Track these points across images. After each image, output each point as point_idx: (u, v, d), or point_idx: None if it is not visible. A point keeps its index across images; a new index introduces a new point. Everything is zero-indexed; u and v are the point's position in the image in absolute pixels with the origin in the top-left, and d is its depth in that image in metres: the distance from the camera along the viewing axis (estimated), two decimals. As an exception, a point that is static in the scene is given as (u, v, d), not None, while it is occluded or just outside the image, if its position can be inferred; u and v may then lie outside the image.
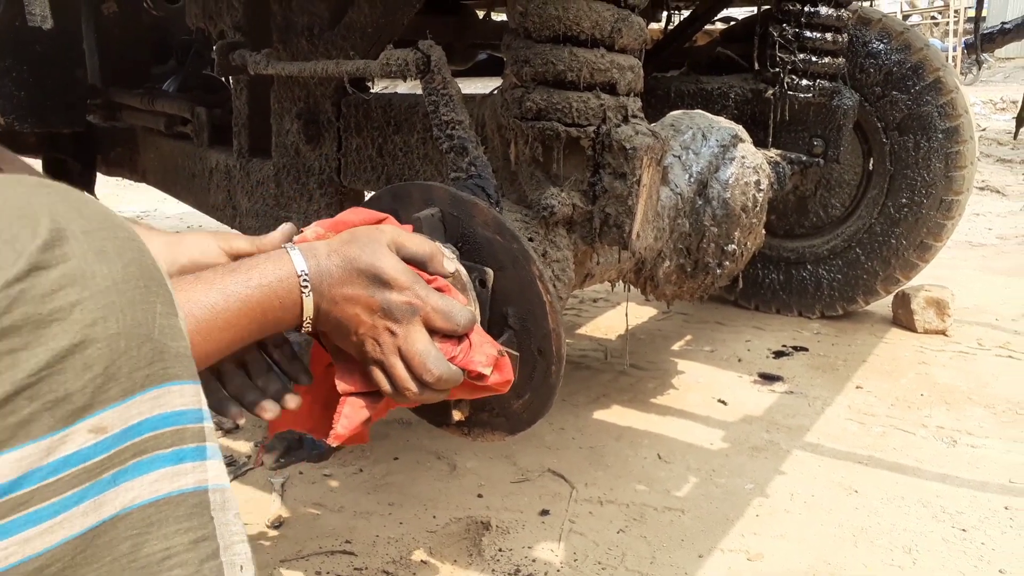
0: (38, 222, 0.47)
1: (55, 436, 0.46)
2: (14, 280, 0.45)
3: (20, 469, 0.45)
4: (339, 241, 0.81)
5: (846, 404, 1.95)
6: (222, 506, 0.54)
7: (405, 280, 0.80)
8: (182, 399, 0.52)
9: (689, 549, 1.37)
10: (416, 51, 1.21)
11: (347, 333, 0.81)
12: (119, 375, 0.48)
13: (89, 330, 0.47)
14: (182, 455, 0.51)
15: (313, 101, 1.81)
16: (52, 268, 0.46)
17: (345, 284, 0.79)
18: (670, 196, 1.59)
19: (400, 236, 0.84)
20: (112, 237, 0.50)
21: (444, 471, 1.63)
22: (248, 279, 0.73)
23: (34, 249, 0.46)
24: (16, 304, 0.45)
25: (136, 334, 0.49)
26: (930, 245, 2.35)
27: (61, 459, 0.46)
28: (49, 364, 0.46)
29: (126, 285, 0.50)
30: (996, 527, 1.43)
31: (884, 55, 2.29)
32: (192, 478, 0.52)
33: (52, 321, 0.46)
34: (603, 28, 1.20)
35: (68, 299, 0.47)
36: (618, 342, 2.41)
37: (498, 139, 1.33)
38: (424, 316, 0.81)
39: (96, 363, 0.47)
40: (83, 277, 0.47)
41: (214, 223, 2.23)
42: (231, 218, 2.07)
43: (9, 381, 0.44)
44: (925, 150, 2.29)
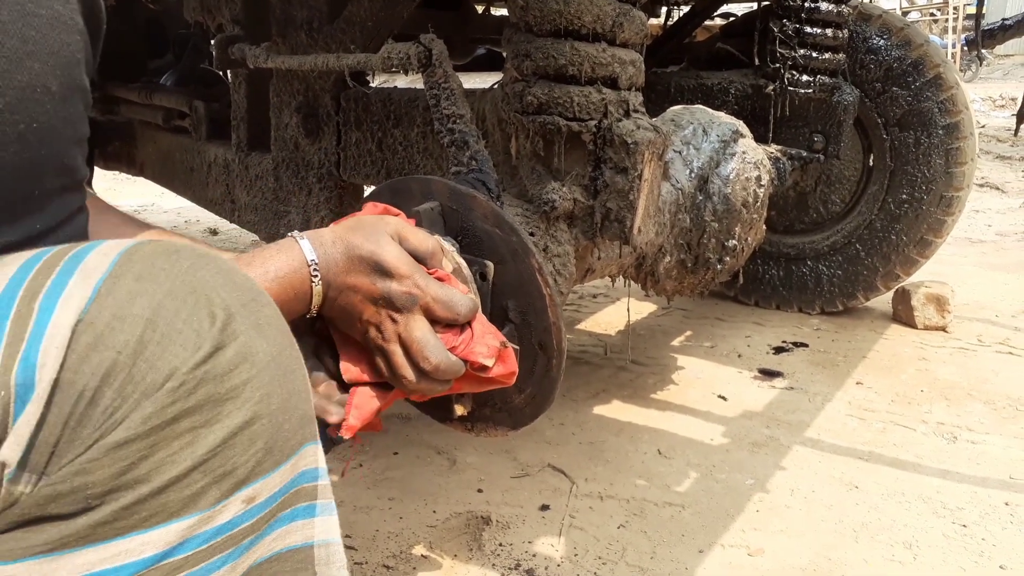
0: (212, 302, 0.49)
1: (216, 508, 0.48)
2: (201, 362, 0.48)
3: (183, 537, 0.47)
4: (343, 228, 0.81)
5: (846, 400, 1.95)
6: (326, 560, 0.56)
7: (406, 269, 0.80)
8: (306, 460, 0.54)
9: (689, 544, 1.37)
10: (418, 45, 1.20)
11: (352, 320, 0.82)
12: (274, 448, 0.51)
13: (257, 407, 0.50)
14: (295, 514, 0.54)
15: (312, 95, 1.80)
16: (227, 347, 0.49)
17: (349, 272, 0.79)
18: (671, 191, 1.59)
19: (404, 228, 0.84)
20: (262, 307, 0.53)
21: (444, 466, 1.62)
22: (265, 272, 0.74)
23: (216, 331, 0.49)
24: (201, 384, 0.47)
25: (289, 406, 0.52)
26: (930, 241, 2.34)
27: (216, 528, 0.49)
28: (224, 440, 0.48)
29: (281, 357, 0.52)
30: (997, 523, 1.43)
31: (884, 51, 2.29)
32: (300, 535, 0.54)
33: (228, 399, 0.48)
34: (604, 22, 1.19)
35: (241, 377, 0.49)
36: (618, 338, 2.41)
37: (499, 133, 1.32)
38: (424, 305, 0.81)
39: (260, 438, 0.50)
40: (251, 354, 0.50)
41: (212, 217, 2.22)
42: (230, 212, 2.07)
43: (190, 457, 0.47)
44: (925, 146, 2.29)
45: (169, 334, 0.47)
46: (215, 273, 0.51)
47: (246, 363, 0.49)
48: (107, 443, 0.45)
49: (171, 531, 0.47)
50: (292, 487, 0.53)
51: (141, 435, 0.46)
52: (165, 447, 0.47)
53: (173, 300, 0.48)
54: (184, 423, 0.47)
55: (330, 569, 0.56)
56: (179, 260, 0.51)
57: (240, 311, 0.51)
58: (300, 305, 0.78)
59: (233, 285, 0.52)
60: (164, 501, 0.47)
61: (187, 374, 0.47)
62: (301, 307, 0.78)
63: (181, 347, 0.47)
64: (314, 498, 0.55)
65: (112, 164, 2.75)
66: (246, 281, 0.53)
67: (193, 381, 0.47)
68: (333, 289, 0.79)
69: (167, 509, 0.47)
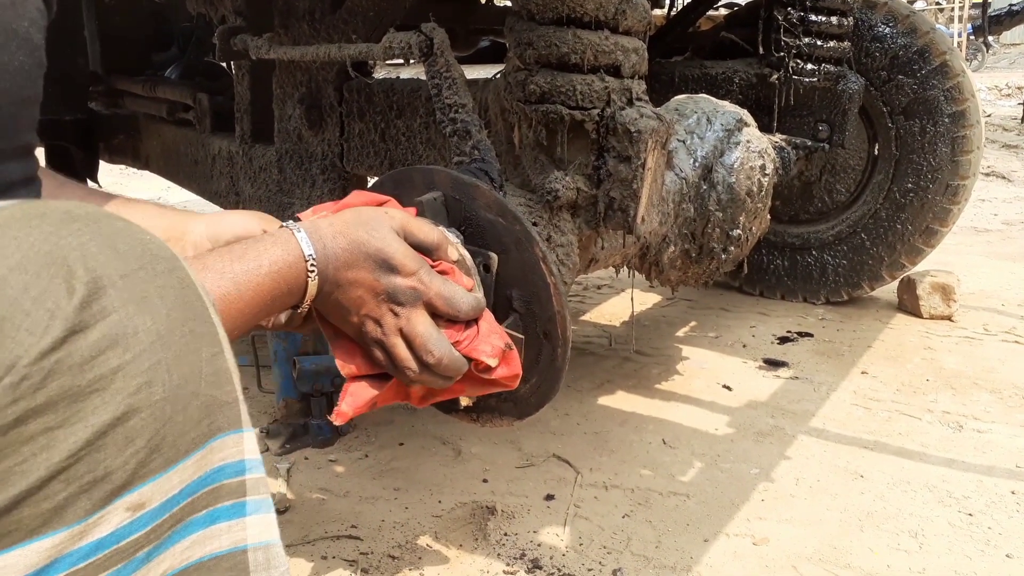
0: (72, 273, 0.42)
1: (90, 520, 0.42)
2: (49, 349, 0.40)
3: (50, 556, 0.41)
4: (343, 222, 0.79)
5: (851, 389, 1.94)
6: (266, 565, 0.50)
7: (411, 265, 0.79)
8: (222, 454, 0.48)
9: (694, 533, 1.37)
10: (419, 34, 1.20)
11: (347, 314, 0.80)
12: (163, 445, 0.44)
13: (132, 399, 0.42)
14: (216, 515, 0.47)
15: (315, 86, 1.80)
16: (91, 329, 0.41)
17: (351, 267, 0.77)
18: (675, 181, 1.58)
19: (408, 222, 0.83)
20: (153, 275, 0.45)
21: (449, 456, 1.63)
22: (259, 266, 0.71)
23: (71, 309, 0.41)
24: (52, 376, 0.40)
25: (182, 394, 0.45)
26: (936, 230, 2.33)
27: (94, 543, 0.42)
28: (88, 442, 0.41)
29: (171, 336, 0.45)
30: (1003, 511, 1.43)
31: (890, 39, 2.28)
32: (228, 539, 0.48)
33: (92, 392, 0.41)
34: (607, 10, 1.19)
35: (109, 365, 0.42)
36: (622, 328, 2.41)
37: (501, 123, 1.32)
38: (427, 301, 0.81)
39: (139, 436, 0.43)
40: (125, 335, 0.42)
41: (217, 209, 2.23)
42: (234, 204, 2.07)
43: (44, 465, 0.40)
44: (931, 135, 2.28)
45: (12, 318, 0.39)
46: (89, 239, 0.43)
47: (117, 347, 0.42)
48: None
49: (33, 551, 0.40)
50: (204, 485, 0.46)
51: None
52: (11, 455, 0.39)
53: (21, 275, 0.40)
54: (33, 425, 0.39)
55: (271, 574, 0.50)
56: (40, 225, 0.42)
57: (117, 282, 0.43)
58: (292, 299, 0.75)
59: (113, 251, 0.44)
60: (18, 518, 0.40)
61: (31, 365, 0.39)
62: (293, 301, 0.76)
63: (27, 332, 0.39)
64: (242, 495, 0.48)
65: (117, 158, 2.76)
66: (136, 246, 0.45)
67: (40, 373, 0.39)
68: (329, 284, 0.77)
69: (24, 527, 0.40)
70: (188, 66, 2.72)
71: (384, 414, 1.80)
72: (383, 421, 1.78)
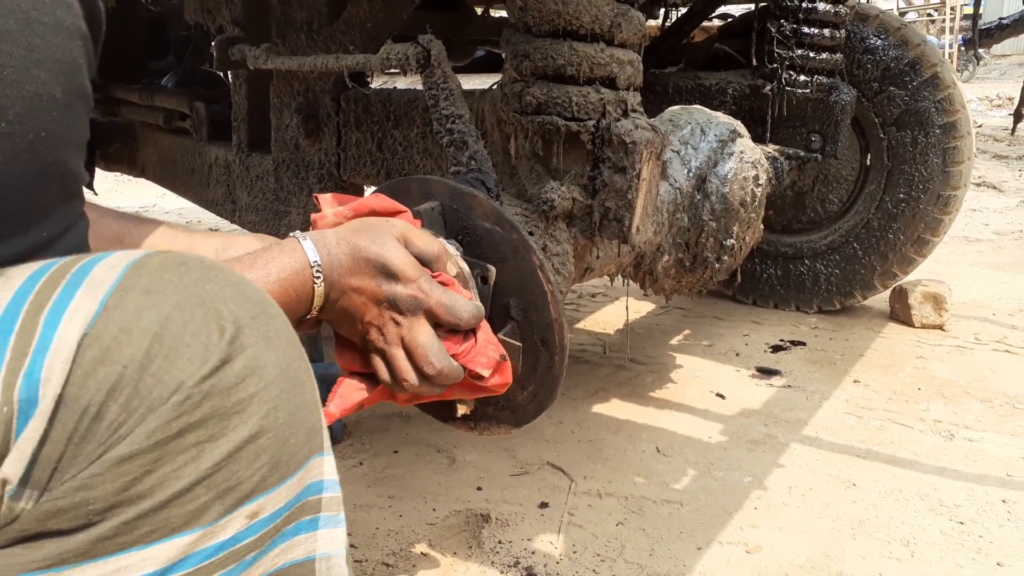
0: (220, 314, 0.49)
1: (219, 523, 0.48)
2: (208, 375, 0.47)
3: (184, 552, 0.47)
4: (348, 230, 0.81)
5: (844, 398, 1.96)
6: (327, 572, 0.56)
7: (412, 273, 0.80)
8: (311, 473, 0.54)
9: (688, 541, 1.38)
10: (416, 45, 1.21)
11: (353, 322, 0.82)
12: (280, 463, 0.50)
13: (263, 421, 0.49)
14: (298, 528, 0.53)
15: (312, 96, 1.81)
16: (235, 360, 0.48)
17: (353, 274, 0.79)
18: (669, 191, 1.60)
19: (410, 232, 0.84)
20: (271, 319, 0.52)
21: (443, 464, 1.63)
22: (267, 274, 0.74)
23: (224, 344, 0.48)
24: (208, 398, 0.47)
25: (296, 420, 0.52)
26: (927, 240, 2.35)
27: (217, 544, 0.48)
28: (229, 455, 0.48)
29: (289, 370, 0.52)
30: (994, 520, 1.44)
31: (881, 51, 2.30)
32: (303, 549, 0.54)
33: (235, 413, 0.48)
34: (603, 22, 1.20)
35: (248, 391, 0.49)
36: (617, 336, 2.42)
37: (498, 134, 1.33)
38: (428, 310, 0.81)
39: (265, 452, 0.49)
40: (259, 367, 0.49)
41: (214, 218, 2.23)
42: (230, 212, 2.07)
43: (194, 472, 0.47)
44: (922, 145, 2.30)
45: (177, 347, 0.47)
46: (225, 285, 0.51)
47: (254, 376, 0.49)
48: (110, 458, 0.45)
49: (173, 546, 0.46)
50: (298, 501, 0.53)
51: (145, 450, 0.45)
52: (169, 462, 0.46)
53: (181, 313, 0.48)
54: (189, 437, 0.47)
55: None
56: (188, 272, 0.50)
57: (249, 323, 0.50)
58: (301, 306, 0.77)
59: (243, 297, 0.51)
60: (166, 516, 0.46)
61: (193, 387, 0.47)
62: (302, 308, 0.78)
63: (188, 361, 0.47)
64: (318, 511, 0.55)
65: (113, 165, 2.76)
66: (256, 293, 0.53)
67: (199, 395, 0.47)
68: (335, 291, 0.79)
69: (169, 524, 0.46)
70: (185, 75, 2.73)
71: (379, 422, 1.80)
72: (378, 429, 1.78)
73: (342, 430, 1.74)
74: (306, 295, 0.77)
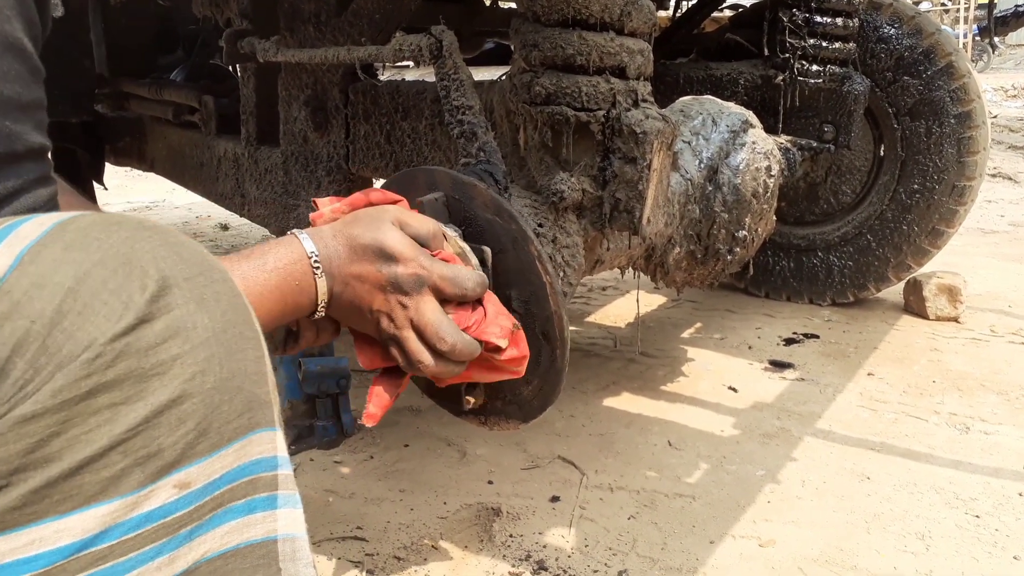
0: (145, 272, 0.47)
1: (142, 492, 0.45)
2: (122, 333, 0.45)
3: (104, 524, 0.44)
4: (342, 222, 0.82)
5: (858, 391, 1.94)
6: (292, 556, 0.53)
7: (409, 252, 0.80)
8: (260, 447, 0.51)
9: (700, 535, 1.37)
10: (429, 36, 1.20)
11: (362, 313, 0.81)
12: (209, 431, 0.48)
13: (187, 384, 0.47)
14: (253, 505, 0.51)
15: (321, 88, 1.80)
16: (157, 320, 0.46)
17: (353, 262, 0.79)
18: (680, 182, 1.58)
19: (403, 214, 0.84)
20: (211, 281, 0.50)
21: (455, 458, 1.63)
22: (264, 263, 0.74)
23: (142, 302, 0.46)
24: (121, 358, 0.45)
25: (230, 386, 0.49)
26: (942, 231, 2.33)
27: (143, 514, 0.46)
28: (146, 419, 0.45)
29: (224, 334, 0.49)
30: (1010, 513, 1.42)
31: (895, 40, 2.27)
32: (262, 528, 0.51)
33: (153, 375, 0.46)
34: (612, 11, 1.19)
35: (170, 352, 0.46)
36: (628, 330, 2.40)
37: (507, 124, 1.32)
38: (432, 285, 0.81)
39: (190, 418, 0.47)
40: (185, 328, 0.47)
41: (223, 212, 2.23)
42: (239, 206, 2.07)
43: (107, 435, 0.44)
44: (937, 135, 2.27)
45: (92, 304, 0.44)
46: (158, 245, 0.49)
47: (178, 337, 0.46)
48: (14, 417, 0.42)
49: (90, 517, 0.44)
50: (243, 475, 0.50)
51: (51, 409, 0.43)
52: (79, 423, 0.44)
53: (102, 269, 0.46)
54: (101, 398, 0.44)
55: (296, 565, 0.53)
56: (118, 231, 0.48)
57: (181, 284, 0.48)
58: (305, 299, 0.77)
59: (178, 258, 0.49)
60: (79, 483, 0.44)
61: (106, 345, 0.44)
62: (307, 302, 0.77)
63: (104, 318, 0.44)
64: (274, 489, 0.52)
65: (123, 160, 2.77)
66: (196, 256, 0.50)
67: (112, 353, 0.44)
68: (338, 283, 0.79)
69: (83, 492, 0.44)
70: (194, 68, 2.72)
71: (389, 415, 1.80)
72: (388, 423, 1.78)
73: (353, 424, 1.73)
74: (308, 286, 0.76)
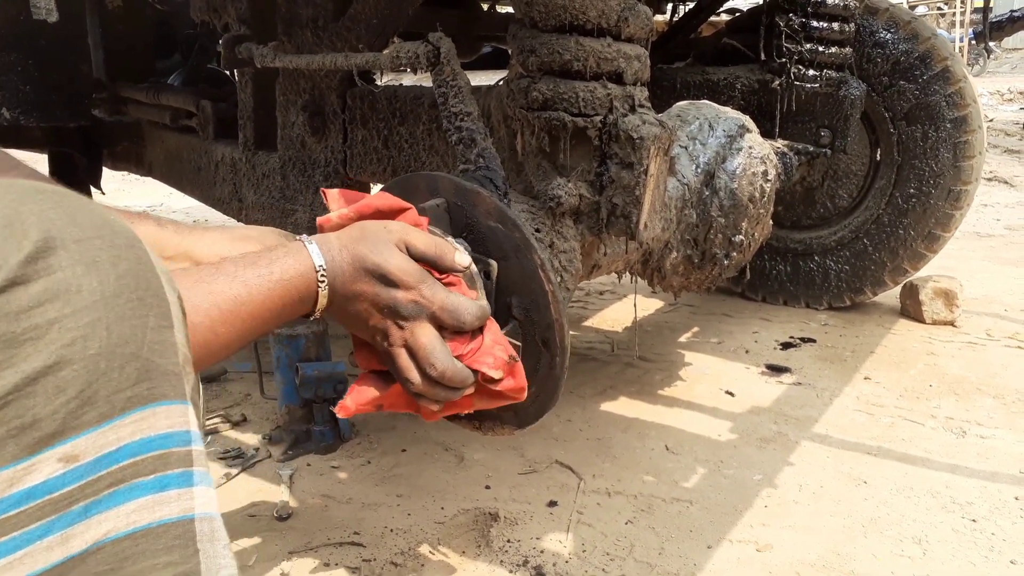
0: (25, 233, 0.44)
1: (20, 465, 0.42)
2: None
3: None
4: (349, 237, 0.82)
5: (854, 395, 1.94)
6: (210, 536, 0.49)
7: (411, 279, 0.82)
8: (168, 421, 0.48)
9: (698, 540, 1.37)
10: (426, 43, 1.20)
11: (360, 325, 0.84)
12: (96, 399, 0.44)
13: (66, 350, 0.43)
14: (165, 482, 0.47)
15: (318, 93, 1.80)
16: (33, 282, 0.43)
17: (355, 281, 0.80)
18: (677, 187, 1.58)
19: (409, 235, 0.84)
20: (109, 245, 0.47)
21: (452, 463, 1.63)
22: (270, 272, 0.75)
23: (15, 263, 0.43)
24: None
25: (121, 353, 0.46)
26: (938, 235, 2.34)
27: (25, 491, 0.42)
28: (17, 387, 0.42)
29: (117, 299, 0.46)
30: (1007, 518, 1.42)
31: (891, 44, 2.28)
32: (177, 506, 0.47)
33: (25, 340, 0.42)
34: (609, 17, 1.19)
35: (46, 316, 0.43)
36: (625, 334, 2.41)
37: (504, 130, 1.32)
38: (431, 314, 0.83)
39: (70, 386, 0.44)
40: (67, 292, 0.44)
41: (221, 217, 2.23)
42: (237, 211, 2.07)
43: None
44: (933, 140, 2.28)
45: None
46: (49, 207, 0.46)
47: (57, 300, 0.43)
48: None
49: None
50: (148, 449, 0.46)
51: None
52: None
53: None
54: None
55: (215, 547, 0.49)
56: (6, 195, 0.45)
57: (70, 246, 0.45)
58: (304, 307, 0.79)
59: (70, 220, 0.46)
60: None
61: None
62: (305, 309, 0.79)
63: None
64: (189, 465, 0.48)
65: (120, 164, 2.76)
66: (96, 219, 0.47)
67: None
68: (339, 296, 0.80)
69: None
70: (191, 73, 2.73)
71: (387, 420, 1.80)
72: (386, 427, 1.78)
73: (350, 429, 1.73)
74: (309, 297, 0.78)
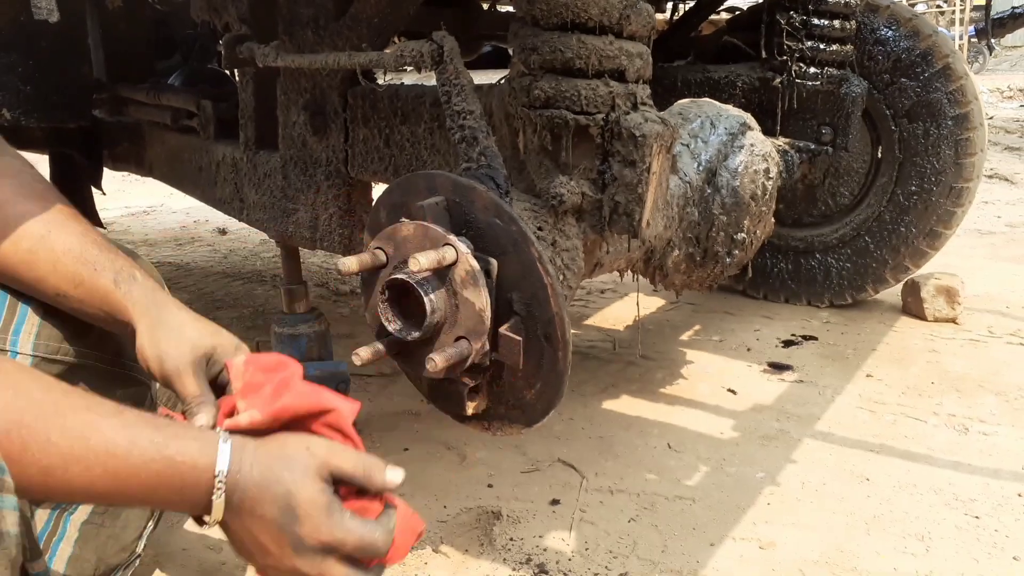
0: None
1: None
2: None
3: None
4: (266, 451, 0.72)
5: (856, 392, 1.94)
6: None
7: (319, 518, 0.71)
8: None
9: (700, 538, 1.37)
10: (430, 42, 1.20)
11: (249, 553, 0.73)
12: None
13: None
14: None
15: (320, 92, 1.80)
16: None
17: (259, 503, 0.70)
18: (679, 184, 1.58)
19: (334, 458, 0.73)
20: None
21: (454, 462, 1.63)
22: (165, 445, 0.67)
23: None
24: None
25: None
26: (940, 233, 2.33)
27: None
28: None
29: None
30: (1010, 514, 1.42)
31: (892, 42, 2.28)
32: None
33: None
34: (611, 15, 1.19)
35: None
36: (627, 332, 2.40)
37: (506, 128, 1.32)
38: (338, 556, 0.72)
39: None
40: None
41: (222, 217, 2.23)
42: (238, 211, 2.07)
43: None
44: (934, 137, 2.28)
45: None
46: None
47: None
48: None
49: None
50: None
51: None
52: None
53: None
54: None
55: None
56: None
57: None
58: (183, 505, 0.69)
59: None
60: None
61: None
62: (185, 507, 0.70)
63: None
64: None
65: (121, 165, 2.76)
66: None
67: None
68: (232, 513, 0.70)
69: None
70: (192, 73, 2.72)
71: (388, 420, 1.80)
72: (387, 427, 1.78)
73: (352, 428, 1.73)
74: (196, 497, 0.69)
